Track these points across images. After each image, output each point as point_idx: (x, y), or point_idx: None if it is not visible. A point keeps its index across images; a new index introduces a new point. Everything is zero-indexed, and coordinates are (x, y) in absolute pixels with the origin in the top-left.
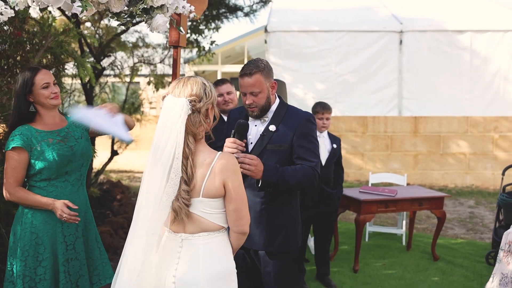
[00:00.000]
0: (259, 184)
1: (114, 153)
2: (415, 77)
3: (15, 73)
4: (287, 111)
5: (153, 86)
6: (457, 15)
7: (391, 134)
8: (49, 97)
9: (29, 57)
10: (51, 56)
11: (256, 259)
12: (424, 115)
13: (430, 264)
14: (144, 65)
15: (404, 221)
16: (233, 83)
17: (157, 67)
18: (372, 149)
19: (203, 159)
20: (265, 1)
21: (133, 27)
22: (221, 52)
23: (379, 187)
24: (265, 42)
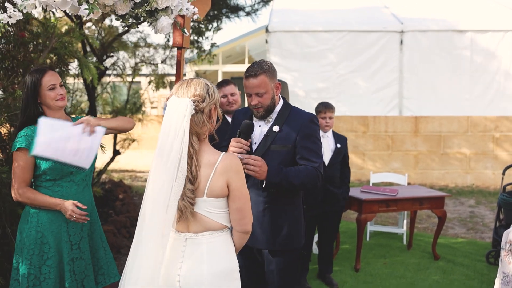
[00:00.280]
0: (263, 184)
1: (116, 153)
2: (415, 77)
3: (20, 74)
4: (291, 112)
5: (153, 85)
6: (458, 15)
7: (391, 133)
8: (55, 99)
9: (33, 57)
10: (55, 56)
11: (260, 258)
12: (424, 114)
13: (430, 263)
14: (145, 65)
15: (405, 221)
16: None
17: (158, 67)
18: (372, 149)
19: (207, 159)
20: (267, 0)
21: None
22: (221, 52)
23: (380, 186)
24: (266, 42)
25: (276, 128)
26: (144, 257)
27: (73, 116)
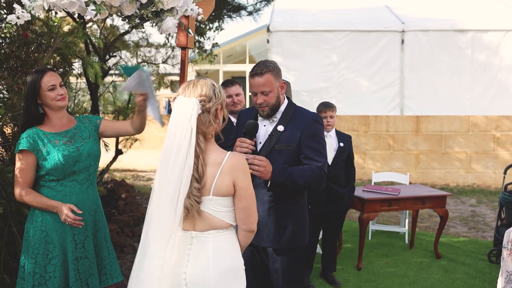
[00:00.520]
0: (268, 184)
1: (118, 152)
2: (416, 77)
3: (24, 74)
4: (295, 111)
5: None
6: (459, 14)
7: (393, 133)
8: (55, 99)
9: (38, 57)
10: (58, 56)
11: (265, 256)
12: (425, 114)
13: (432, 262)
14: (147, 64)
15: (406, 220)
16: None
17: (159, 67)
18: (374, 148)
19: (214, 158)
20: (269, 0)
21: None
22: (222, 51)
23: (382, 186)
24: (268, 41)
25: (280, 127)
26: (155, 258)
27: (77, 115)
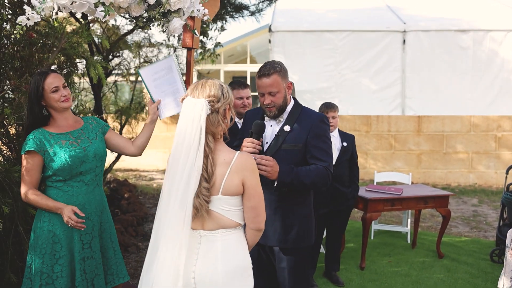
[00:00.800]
0: (275, 184)
1: None
2: (418, 77)
3: (30, 73)
4: (301, 112)
5: None
6: (460, 14)
7: (394, 133)
8: (59, 100)
9: (43, 58)
10: (63, 57)
11: (271, 255)
12: (427, 114)
13: (435, 261)
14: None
15: (409, 219)
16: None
17: None
18: (375, 148)
19: (223, 158)
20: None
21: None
22: (223, 51)
23: (385, 186)
24: (269, 41)
25: (287, 127)
26: (167, 259)
27: (81, 115)
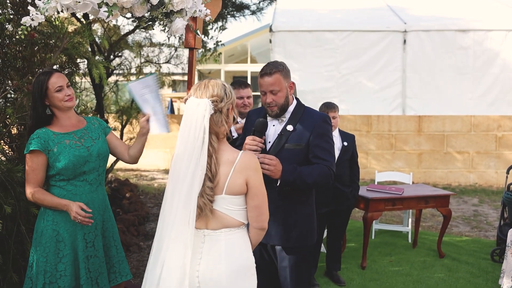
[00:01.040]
0: (278, 183)
1: None
2: (418, 77)
3: (32, 74)
4: (304, 111)
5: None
6: (461, 14)
7: (395, 133)
8: (63, 100)
9: (46, 58)
10: (65, 57)
11: (273, 255)
12: (428, 114)
13: (436, 261)
14: (150, 64)
15: (410, 219)
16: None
17: (162, 67)
18: (376, 148)
19: (226, 157)
20: None
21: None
22: (224, 51)
23: (386, 185)
24: (270, 41)
25: (290, 127)
26: (173, 259)
27: (83, 115)
